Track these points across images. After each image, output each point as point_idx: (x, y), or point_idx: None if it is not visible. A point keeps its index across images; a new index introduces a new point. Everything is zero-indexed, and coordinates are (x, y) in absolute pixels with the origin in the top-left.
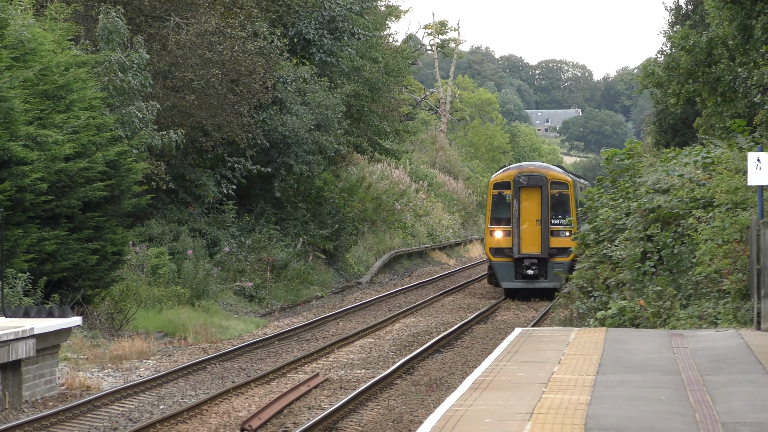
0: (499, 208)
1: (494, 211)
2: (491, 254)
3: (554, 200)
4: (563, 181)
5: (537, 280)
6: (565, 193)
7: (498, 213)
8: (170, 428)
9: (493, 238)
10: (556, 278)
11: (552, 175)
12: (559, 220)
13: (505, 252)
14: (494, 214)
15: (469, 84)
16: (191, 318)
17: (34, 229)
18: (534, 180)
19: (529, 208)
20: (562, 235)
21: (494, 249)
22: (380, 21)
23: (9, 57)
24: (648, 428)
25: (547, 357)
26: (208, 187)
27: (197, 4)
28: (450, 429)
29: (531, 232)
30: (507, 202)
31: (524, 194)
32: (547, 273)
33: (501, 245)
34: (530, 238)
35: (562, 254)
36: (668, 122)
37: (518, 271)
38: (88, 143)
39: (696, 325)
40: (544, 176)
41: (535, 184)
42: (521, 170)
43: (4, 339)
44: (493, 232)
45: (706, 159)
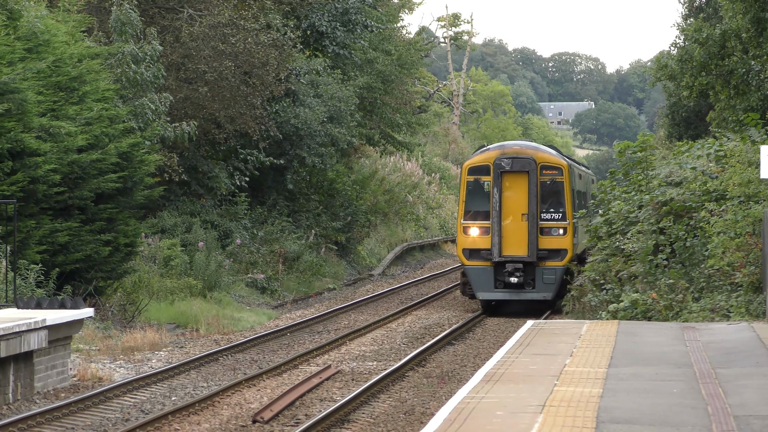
0: (475, 199)
1: (469, 202)
2: (465, 257)
3: (545, 189)
4: (556, 165)
5: (522, 289)
6: (559, 180)
7: (474, 205)
8: (182, 420)
9: (468, 236)
10: (546, 288)
11: (542, 157)
12: (551, 214)
13: (482, 254)
14: (469, 206)
15: (482, 76)
16: (203, 310)
17: (46, 220)
18: (519, 164)
19: (514, 200)
20: (554, 233)
21: (469, 250)
22: (393, 13)
23: (22, 48)
24: (660, 421)
25: (559, 349)
26: (221, 179)
27: None
28: (462, 421)
29: (515, 230)
30: (485, 191)
31: (507, 181)
32: (535, 281)
33: (477, 246)
34: (514, 237)
35: (555, 257)
36: (681, 115)
37: (499, 279)
38: (100, 135)
39: (708, 318)
40: (531, 159)
41: (520, 168)
42: (503, 151)
43: (16, 330)
44: (467, 229)
45: (719, 152)
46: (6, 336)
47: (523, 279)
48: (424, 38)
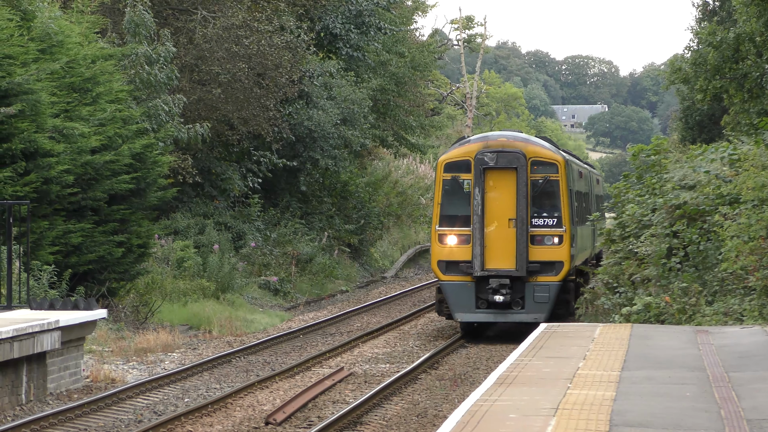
0: (452, 202)
1: (445, 205)
2: (440, 270)
3: (537, 189)
4: (550, 160)
5: (509, 310)
6: (554, 178)
7: (451, 209)
8: (195, 421)
9: (444, 246)
10: (538, 308)
11: (533, 151)
12: (544, 219)
13: (461, 268)
14: (446, 210)
15: (495, 79)
16: (216, 311)
17: (59, 221)
18: (506, 158)
19: (499, 202)
20: (548, 242)
21: (445, 263)
22: (407, 16)
23: (36, 49)
24: (673, 424)
25: (572, 353)
26: (234, 180)
27: None
28: (475, 424)
29: (501, 239)
30: (465, 191)
31: (491, 180)
32: (524, 300)
33: (455, 257)
34: (499, 246)
35: (548, 271)
36: (695, 119)
37: (481, 297)
38: (114, 136)
39: (721, 322)
40: (520, 153)
41: (507, 164)
42: (487, 143)
43: (29, 331)
44: (443, 237)
45: (733, 155)
46: (19, 337)
47: (510, 297)
48: (437, 40)
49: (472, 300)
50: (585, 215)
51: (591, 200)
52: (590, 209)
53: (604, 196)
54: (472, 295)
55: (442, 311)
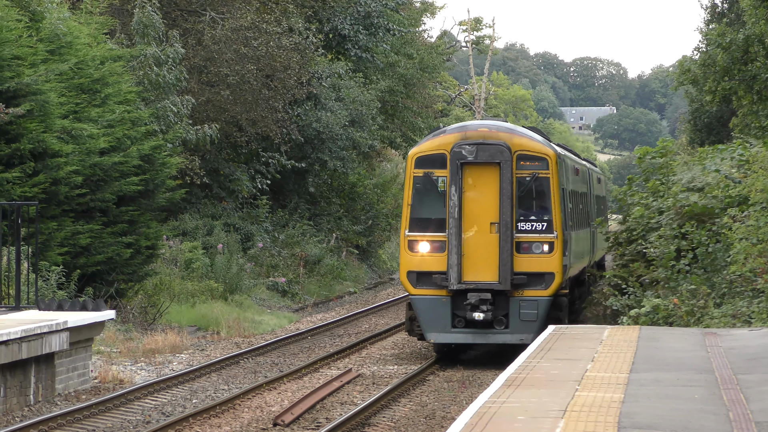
0: (425, 203)
1: (417, 207)
2: (410, 283)
3: (524, 188)
4: (539, 154)
5: (491, 329)
6: (544, 175)
7: (423, 211)
8: (203, 422)
9: (414, 254)
10: (524, 327)
11: (520, 143)
12: (532, 223)
13: (435, 280)
14: (417, 212)
15: (503, 81)
16: (224, 312)
17: (68, 222)
18: (488, 152)
19: (479, 203)
20: (536, 250)
21: (416, 274)
22: (415, 17)
23: (45, 50)
24: (681, 427)
25: (581, 354)
26: (242, 182)
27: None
28: (483, 426)
29: (481, 246)
30: (440, 190)
31: (471, 177)
32: (508, 317)
33: (428, 267)
34: (480, 255)
35: (536, 284)
36: (703, 120)
37: (458, 314)
38: (122, 137)
39: (730, 324)
40: (504, 146)
41: (489, 159)
42: (465, 134)
43: (38, 332)
44: (413, 244)
45: (742, 157)
46: (27, 338)
47: (492, 315)
48: (445, 42)
49: (447, 318)
50: (582, 218)
51: (590, 201)
52: (589, 211)
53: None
54: (448, 311)
55: (413, 330)
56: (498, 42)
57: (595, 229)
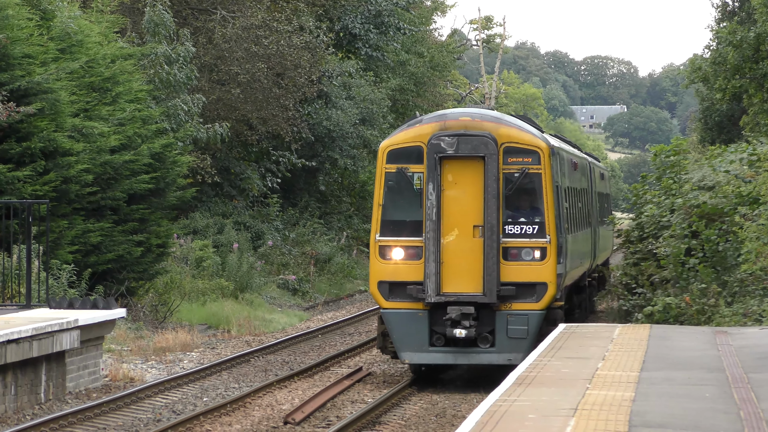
0: (399, 203)
1: (389, 208)
2: (382, 294)
3: (512, 186)
4: (529, 146)
5: (475, 348)
6: (534, 171)
7: (397, 212)
8: (214, 421)
9: (387, 262)
10: (512, 345)
11: (507, 134)
12: (522, 226)
13: (410, 291)
14: (389, 213)
15: (514, 79)
16: (235, 311)
17: (79, 220)
18: (470, 144)
19: (461, 203)
20: (526, 257)
21: (388, 284)
22: (426, 16)
23: (56, 49)
24: (692, 425)
25: (592, 353)
26: (253, 180)
27: None
28: (494, 424)
29: (463, 252)
30: (416, 189)
31: (451, 173)
32: (494, 334)
33: (401, 277)
34: (462, 263)
35: (527, 296)
36: (714, 119)
37: (437, 331)
38: (133, 135)
39: (741, 323)
40: (490, 137)
41: (472, 152)
42: (445, 124)
43: (48, 330)
44: (386, 250)
45: (752, 156)
46: (38, 336)
47: (476, 331)
48: (456, 41)
49: (424, 335)
50: (582, 218)
51: (591, 199)
52: (590, 211)
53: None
54: (425, 328)
55: (386, 348)
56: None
57: (598, 230)
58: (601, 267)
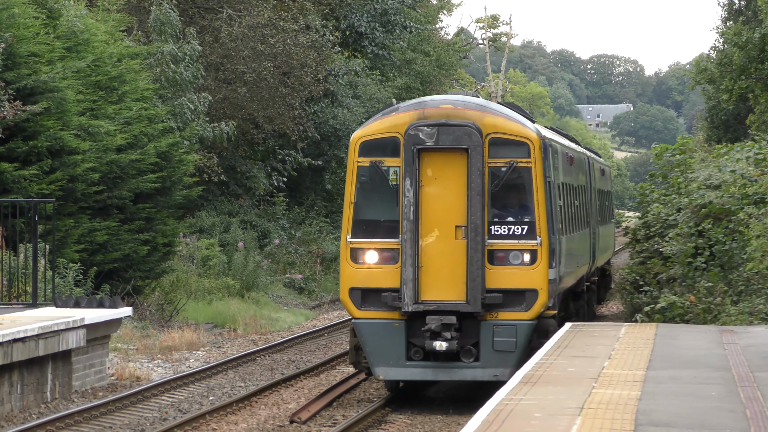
0: (372, 201)
1: (361, 206)
2: (354, 303)
3: (498, 181)
4: (518, 137)
5: (457, 362)
6: (524, 165)
7: (370, 211)
8: (220, 419)
9: (360, 266)
10: (499, 359)
11: (493, 124)
12: (510, 226)
13: (385, 299)
14: (362, 212)
15: (520, 78)
16: (241, 310)
17: (85, 219)
18: (452, 135)
19: (442, 201)
20: (514, 260)
21: (361, 291)
22: (432, 14)
23: (62, 47)
24: (698, 424)
25: (598, 352)
26: (259, 179)
27: None
28: (500, 423)
29: (444, 255)
30: (391, 185)
31: (430, 167)
32: (479, 347)
33: (376, 283)
34: (442, 267)
35: (515, 304)
36: (720, 118)
37: (415, 344)
38: (140, 134)
39: (747, 322)
40: (474, 127)
41: (454, 144)
42: (424, 112)
43: (55, 329)
44: (358, 253)
45: (758, 155)
46: (44, 335)
47: (458, 344)
48: (462, 39)
49: (401, 348)
50: (580, 217)
51: (589, 197)
52: (588, 209)
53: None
54: (402, 340)
55: (360, 363)
56: (515, 39)
57: (597, 230)
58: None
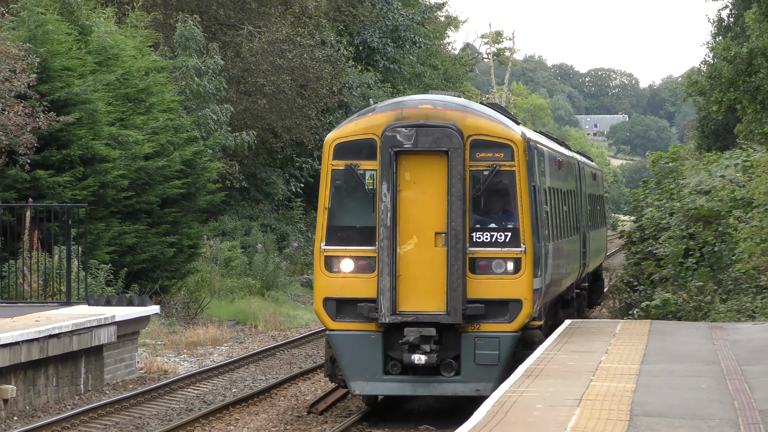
0: (348, 206)
1: (336, 212)
2: (329, 313)
3: (480, 186)
4: (501, 139)
5: (437, 376)
6: (507, 168)
7: (345, 217)
8: (242, 410)
9: (335, 275)
10: (481, 373)
11: (475, 125)
12: (492, 233)
13: (360, 310)
14: (336, 218)
15: (522, 90)
16: (261, 308)
17: (115, 223)
18: (432, 136)
19: (421, 206)
20: (497, 269)
21: (336, 301)
22: (440, 30)
23: (93, 62)
24: (690, 415)
25: (595, 347)
26: (278, 185)
27: (269, 13)
28: (504, 413)
29: (423, 263)
30: (367, 190)
31: (409, 171)
32: (460, 360)
33: (351, 293)
34: (421, 276)
35: (497, 315)
36: (710, 128)
37: (392, 357)
38: (166, 143)
39: (735, 319)
40: (454, 128)
41: (433, 146)
42: (401, 113)
43: (87, 326)
44: (333, 261)
45: (746, 162)
46: (78, 331)
47: (438, 357)
48: (468, 54)
49: (377, 361)
50: (569, 223)
51: (579, 202)
52: (578, 215)
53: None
54: (378, 353)
55: (335, 375)
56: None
57: (588, 235)
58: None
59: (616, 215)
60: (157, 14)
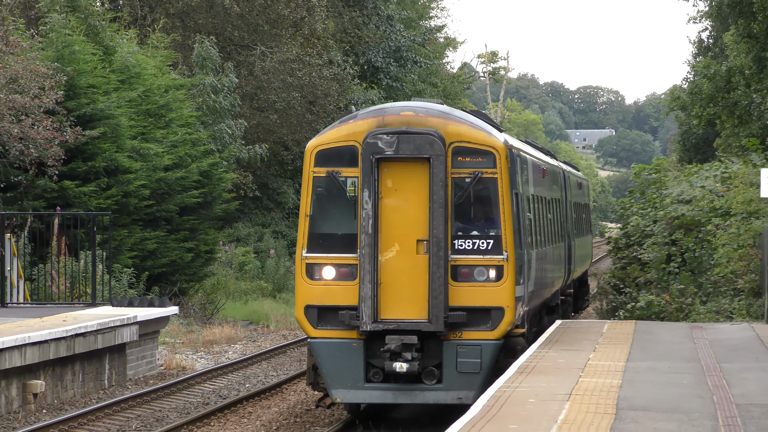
0: (329, 213)
1: (317, 219)
2: (310, 321)
3: (462, 193)
4: (483, 146)
5: (419, 384)
6: (489, 175)
7: (327, 224)
8: (255, 404)
9: (316, 283)
10: (463, 380)
11: (457, 132)
12: (474, 241)
13: (342, 317)
14: (318, 226)
15: (516, 107)
16: (273, 309)
17: (137, 230)
18: (413, 144)
19: (403, 213)
20: (479, 277)
21: (317, 309)
22: (439, 51)
23: (117, 80)
24: (672, 408)
25: (584, 346)
26: (289, 194)
27: (280, 35)
28: (499, 407)
29: (405, 271)
30: (349, 197)
31: (390, 178)
32: (442, 368)
33: (333, 300)
34: (403, 284)
35: (480, 323)
36: (691, 141)
37: (374, 364)
38: (184, 156)
39: (714, 319)
40: (436, 135)
41: (415, 153)
42: (383, 120)
43: (111, 325)
44: (314, 269)
45: (725, 174)
46: (103, 330)
47: (420, 365)
48: (466, 73)
49: (359, 369)
50: (553, 231)
51: (564, 210)
52: (563, 222)
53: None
54: (360, 361)
55: (318, 383)
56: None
57: (573, 243)
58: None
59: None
60: (176, 36)
